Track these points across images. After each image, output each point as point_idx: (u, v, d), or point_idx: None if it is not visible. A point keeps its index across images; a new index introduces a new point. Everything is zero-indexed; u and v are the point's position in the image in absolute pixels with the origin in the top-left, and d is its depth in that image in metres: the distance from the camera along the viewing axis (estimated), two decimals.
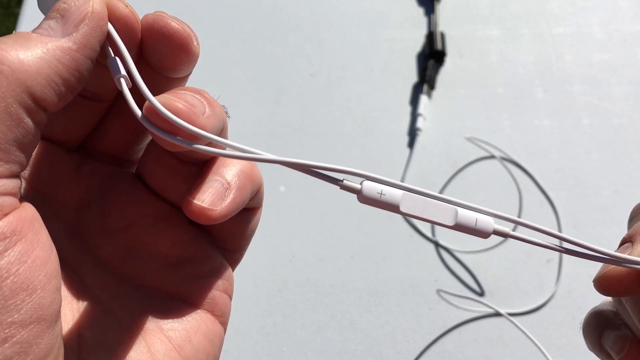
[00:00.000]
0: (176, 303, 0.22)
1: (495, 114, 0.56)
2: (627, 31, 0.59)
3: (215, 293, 0.23)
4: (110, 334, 0.20)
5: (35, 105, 0.17)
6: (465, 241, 0.50)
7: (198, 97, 0.20)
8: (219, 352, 0.23)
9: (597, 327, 0.24)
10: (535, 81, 0.57)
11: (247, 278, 0.49)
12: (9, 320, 0.16)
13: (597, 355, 0.24)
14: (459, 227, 0.20)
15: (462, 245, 0.50)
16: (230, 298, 0.24)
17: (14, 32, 0.19)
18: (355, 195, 0.21)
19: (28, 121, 0.17)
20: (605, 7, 0.61)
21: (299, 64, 0.59)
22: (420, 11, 0.61)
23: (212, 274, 0.23)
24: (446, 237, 0.50)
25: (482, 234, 0.20)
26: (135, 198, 0.22)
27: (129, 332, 0.21)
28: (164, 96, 0.19)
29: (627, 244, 0.22)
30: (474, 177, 0.53)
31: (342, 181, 0.20)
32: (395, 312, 0.48)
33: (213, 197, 0.20)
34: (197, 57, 0.21)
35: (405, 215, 0.20)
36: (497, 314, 0.47)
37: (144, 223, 0.22)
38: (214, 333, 0.22)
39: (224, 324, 0.23)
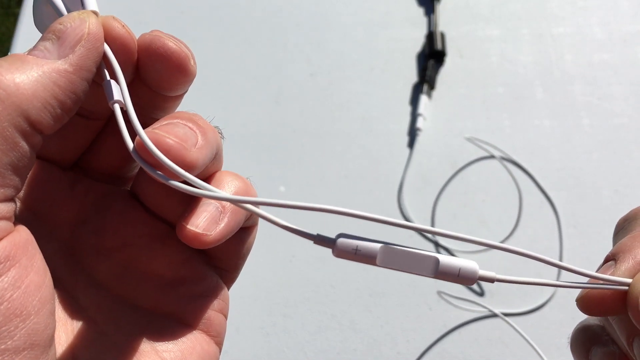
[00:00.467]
0: (171, 323, 0.22)
1: (495, 114, 0.56)
2: (627, 31, 0.59)
3: (211, 313, 0.22)
4: (105, 356, 0.20)
5: (31, 128, 0.17)
6: (465, 242, 0.50)
7: (190, 125, 0.19)
8: None
9: (584, 343, 0.23)
10: (536, 81, 0.57)
11: (247, 278, 0.49)
12: (2, 347, 0.15)
13: None
14: (442, 276, 0.19)
15: (462, 245, 0.50)
16: (226, 317, 0.23)
17: (14, 34, 0.19)
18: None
19: (23, 145, 0.17)
20: (606, 7, 0.61)
21: (299, 64, 0.59)
22: (420, 11, 0.61)
23: (207, 294, 0.23)
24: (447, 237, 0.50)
25: (467, 281, 0.19)
26: (131, 217, 0.22)
27: (123, 354, 0.20)
28: (156, 131, 0.19)
29: (610, 263, 0.21)
30: (474, 177, 0.53)
31: (316, 236, 0.19)
32: (395, 312, 0.48)
33: (207, 222, 0.20)
34: (194, 76, 0.21)
35: (383, 268, 0.19)
36: (497, 315, 0.47)
37: (139, 243, 0.22)
38: (209, 354, 0.22)
39: (219, 344, 0.23)
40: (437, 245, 0.50)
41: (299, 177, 0.53)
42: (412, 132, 0.55)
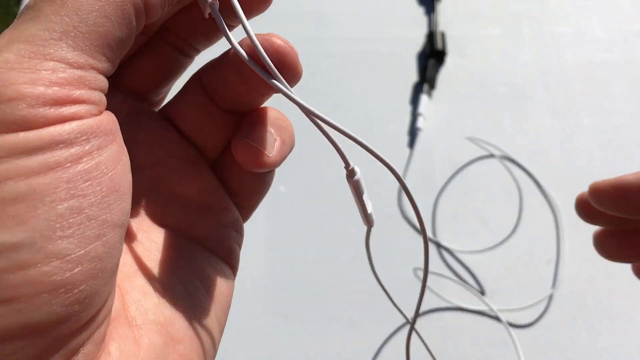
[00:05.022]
0: (196, 247, 0.22)
1: (496, 113, 0.55)
2: (628, 30, 0.59)
3: (233, 244, 0.23)
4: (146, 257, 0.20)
5: (144, 9, 0.17)
6: (466, 241, 0.50)
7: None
8: (231, 300, 0.23)
9: None
10: (536, 80, 0.57)
11: (247, 278, 0.49)
12: (102, 217, 0.15)
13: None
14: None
15: (462, 245, 0.50)
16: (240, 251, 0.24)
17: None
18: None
19: (134, 24, 0.17)
20: (607, 6, 0.61)
21: None
22: (420, 10, 0.61)
23: (231, 226, 0.23)
24: (447, 237, 0.50)
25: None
26: (163, 137, 0.22)
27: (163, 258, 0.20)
28: (262, 35, 0.19)
29: None
30: (475, 177, 0.53)
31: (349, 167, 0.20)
32: (395, 311, 0.48)
33: (267, 144, 0.20)
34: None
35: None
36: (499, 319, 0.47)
37: (170, 163, 0.22)
38: (228, 285, 0.22)
39: (234, 277, 0.23)
40: (438, 245, 0.50)
41: (299, 176, 0.53)
42: (413, 132, 0.55)
